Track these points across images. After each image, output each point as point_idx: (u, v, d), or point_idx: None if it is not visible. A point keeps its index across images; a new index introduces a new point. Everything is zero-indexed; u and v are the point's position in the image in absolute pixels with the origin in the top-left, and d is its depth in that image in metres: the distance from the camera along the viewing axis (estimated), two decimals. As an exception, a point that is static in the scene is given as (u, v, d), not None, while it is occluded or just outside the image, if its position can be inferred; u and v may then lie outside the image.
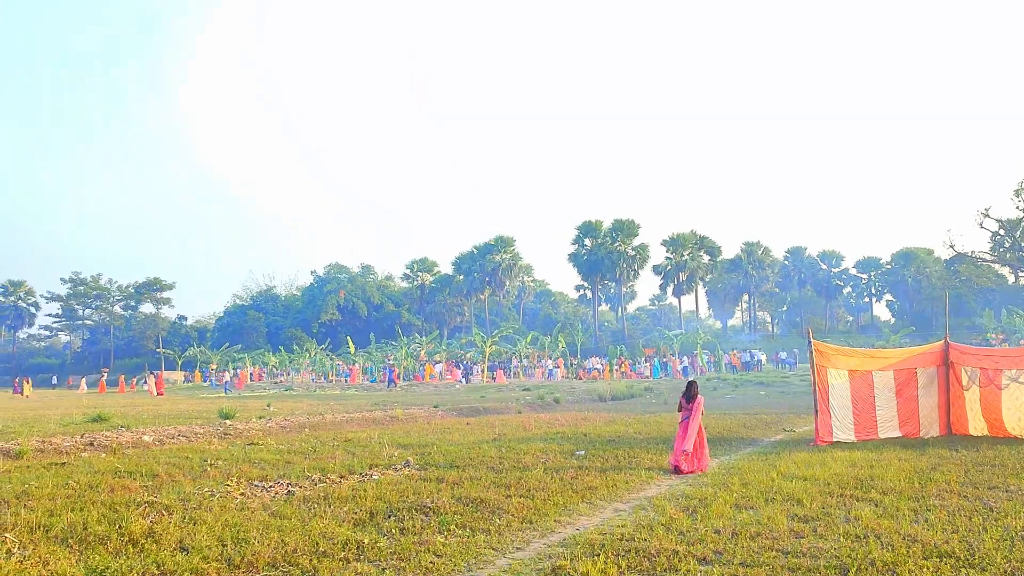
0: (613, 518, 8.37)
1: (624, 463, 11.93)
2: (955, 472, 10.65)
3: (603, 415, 21.79)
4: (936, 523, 7.75)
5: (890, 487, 9.58)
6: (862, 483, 9.88)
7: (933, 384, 15.27)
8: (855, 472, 10.75)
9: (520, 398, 30.36)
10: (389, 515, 8.31)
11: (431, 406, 25.45)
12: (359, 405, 27.00)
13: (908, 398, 15.12)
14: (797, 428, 17.65)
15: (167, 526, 7.61)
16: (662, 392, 33.16)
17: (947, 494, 9.17)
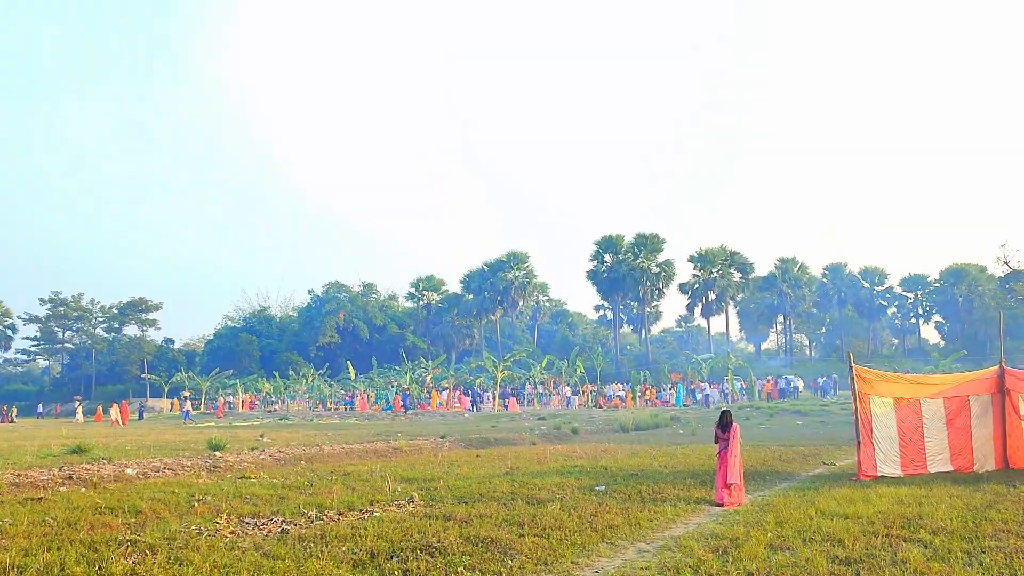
0: (636, 559, 8.31)
1: (648, 499, 11.86)
2: (1013, 510, 10.52)
3: (625, 447, 21.70)
4: (992, 567, 7.66)
5: (941, 526, 9.48)
6: (910, 522, 9.77)
7: (987, 413, 15.13)
8: (902, 510, 10.64)
9: (534, 428, 30.28)
10: (391, 556, 8.28)
11: (438, 436, 25.42)
12: (359, 435, 27.01)
13: (960, 428, 14.98)
14: (837, 461, 17.51)
15: (151, 567, 7.62)
16: (690, 422, 32.98)
17: (1004, 534, 9.06)
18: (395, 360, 72.94)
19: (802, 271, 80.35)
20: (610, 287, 76.76)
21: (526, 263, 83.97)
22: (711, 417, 36.34)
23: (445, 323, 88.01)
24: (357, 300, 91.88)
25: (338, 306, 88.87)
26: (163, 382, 71.33)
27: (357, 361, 73.49)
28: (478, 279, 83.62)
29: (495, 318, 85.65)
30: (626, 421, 32.06)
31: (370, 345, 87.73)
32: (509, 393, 53.86)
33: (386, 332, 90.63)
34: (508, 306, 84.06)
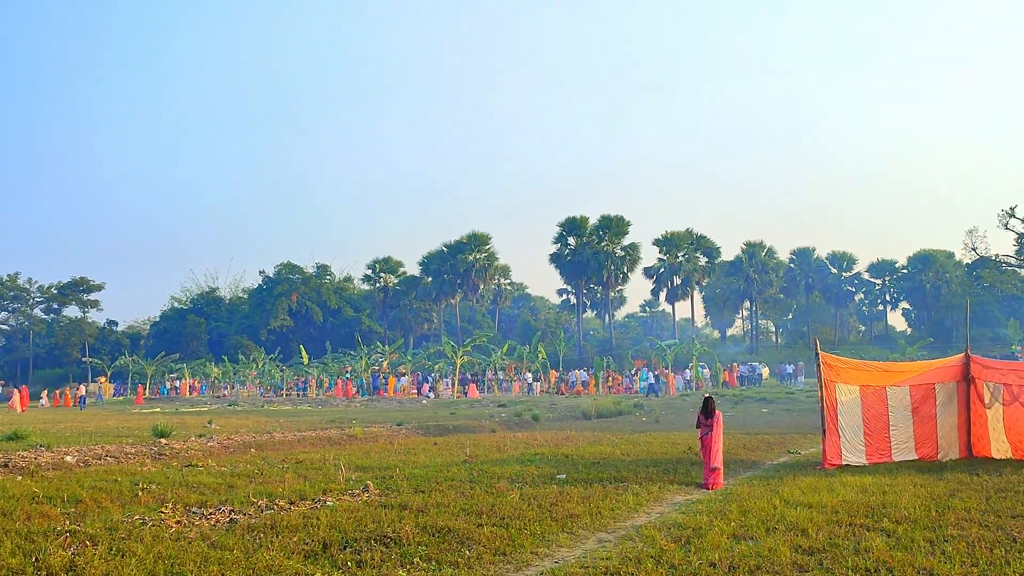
0: (597, 549, 8.38)
1: (610, 488, 11.96)
2: (976, 499, 10.78)
3: (587, 434, 21.85)
4: (955, 555, 7.84)
5: (904, 515, 9.68)
6: (873, 511, 9.97)
7: (952, 402, 15.46)
8: (866, 499, 10.85)
9: (495, 415, 30.35)
10: (345, 546, 8.26)
11: (394, 424, 25.38)
12: (312, 422, 26.87)
13: (925, 417, 15.28)
14: (803, 450, 17.80)
15: (91, 559, 7.52)
16: (653, 409, 33.29)
17: (967, 523, 9.28)
18: (350, 345, 72.52)
19: (769, 256, 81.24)
20: (574, 271, 77.01)
21: (487, 245, 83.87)
22: (674, 405, 36.69)
23: (403, 307, 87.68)
24: (311, 282, 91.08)
25: (291, 288, 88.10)
26: (105, 366, 70.24)
27: (310, 345, 72.97)
28: (438, 261, 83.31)
29: (455, 302, 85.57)
30: (588, 408, 32.26)
31: (324, 329, 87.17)
32: (469, 379, 53.89)
33: (341, 315, 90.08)
34: (468, 289, 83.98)
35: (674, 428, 24.62)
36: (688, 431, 22.28)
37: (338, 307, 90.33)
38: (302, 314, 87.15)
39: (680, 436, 20.81)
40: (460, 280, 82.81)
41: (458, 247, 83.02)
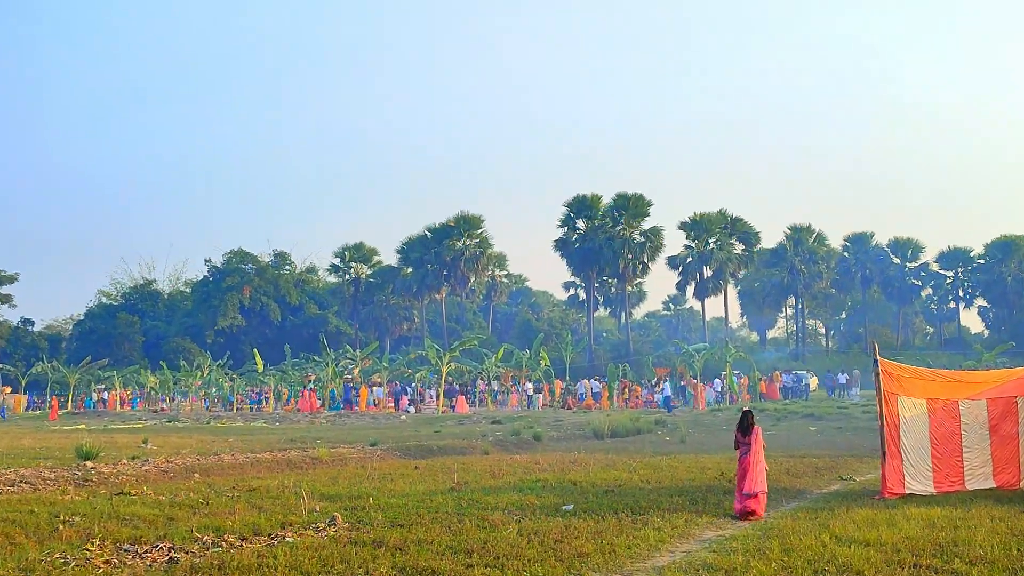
0: (611, 596, 8.38)
1: (626, 522, 11.96)
2: (1065, 535, 10.77)
3: (599, 457, 21.86)
4: (1039, 603, 7.84)
5: (980, 555, 9.68)
6: (942, 550, 9.97)
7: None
8: (933, 535, 10.86)
9: (488, 433, 30.38)
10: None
11: (367, 444, 25.39)
12: (269, 442, 26.89)
13: (1005, 437, 15.24)
14: (858, 476, 17.82)
15: (2, 606, 7.51)
16: (678, 426, 33.33)
17: (1054, 564, 9.28)
18: (314, 349, 72.46)
19: (819, 242, 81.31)
20: (583, 260, 77.11)
21: (479, 229, 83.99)
22: (703, 421, 36.76)
23: (378, 303, 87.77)
24: (266, 273, 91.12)
25: (242, 280, 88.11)
26: (19, 373, 70.14)
27: (266, 349, 72.91)
28: (419, 248, 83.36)
29: (440, 297, 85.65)
30: (600, 425, 32.27)
31: (283, 330, 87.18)
32: (457, 390, 53.94)
33: (303, 313, 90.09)
34: (456, 282, 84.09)
35: (703, 449, 24.64)
36: (721, 452, 22.30)
37: (299, 303, 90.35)
38: (256, 312, 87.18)
39: (711, 459, 20.84)
40: (447, 271, 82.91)
41: (444, 231, 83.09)
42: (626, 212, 76.51)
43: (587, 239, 76.75)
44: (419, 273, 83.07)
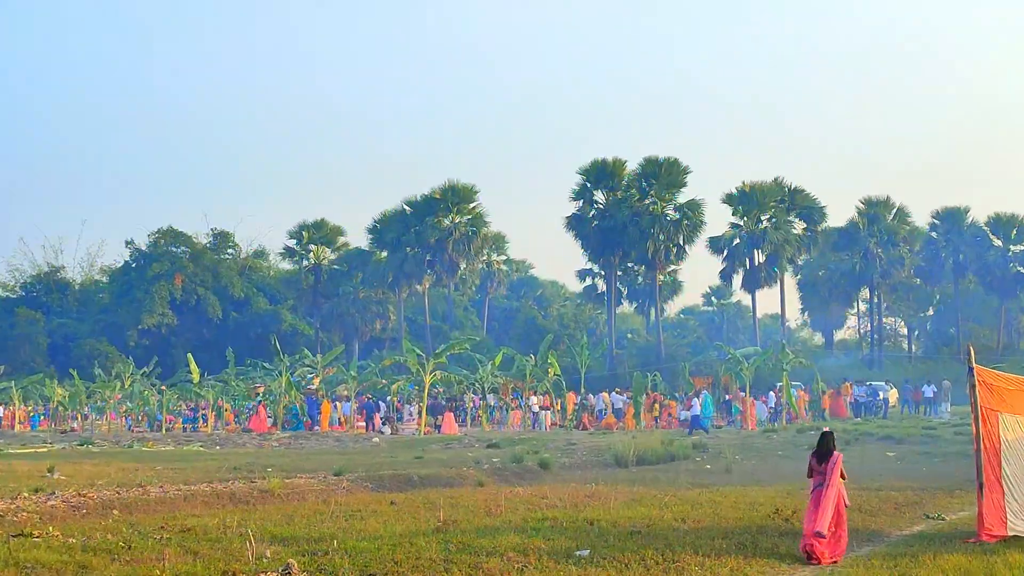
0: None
1: (655, 570, 11.93)
2: None
3: (623, 489, 21.83)
4: None
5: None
6: (1057, 606, 9.94)
7: None
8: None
9: (483, 459, 30.35)
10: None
11: (330, 473, 25.36)
12: (207, 470, 26.84)
13: None
14: (948, 514, 17.79)
15: None
16: (723, 451, 33.25)
17: None
18: (264, 353, 72.41)
19: (900, 219, 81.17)
20: (603, 241, 77.03)
21: (472, 203, 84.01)
22: (754, 445, 36.74)
23: (344, 296, 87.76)
24: (203, 258, 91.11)
25: (173, 267, 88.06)
26: None
27: (204, 354, 72.92)
28: (396, 227, 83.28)
29: (422, 289, 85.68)
30: (624, 450, 32.18)
31: (224, 329, 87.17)
32: (443, 406, 53.90)
33: (250, 309, 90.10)
34: (443, 270, 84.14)
35: (754, 480, 24.61)
36: (777, 484, 22.29)
37: (245, 296, 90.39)
38: (191, 307, 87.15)
39: (763, 492, 20.81)
40: (431, 256, 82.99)
41: (427, 206, 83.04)
42: (657, 181, 76.38)
43: (608, 215, 76.69)
44: (396, 258, 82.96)
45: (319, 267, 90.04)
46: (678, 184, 76.86)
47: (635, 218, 75.39)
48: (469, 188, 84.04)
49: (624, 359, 75.79)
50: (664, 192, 76.59)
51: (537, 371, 56.10)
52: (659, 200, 76.48)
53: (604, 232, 76.49)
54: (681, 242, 77.17)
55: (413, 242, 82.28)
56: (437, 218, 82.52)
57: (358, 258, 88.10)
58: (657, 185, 76.38)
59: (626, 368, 70.63)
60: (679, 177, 76.71)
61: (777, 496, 19.62)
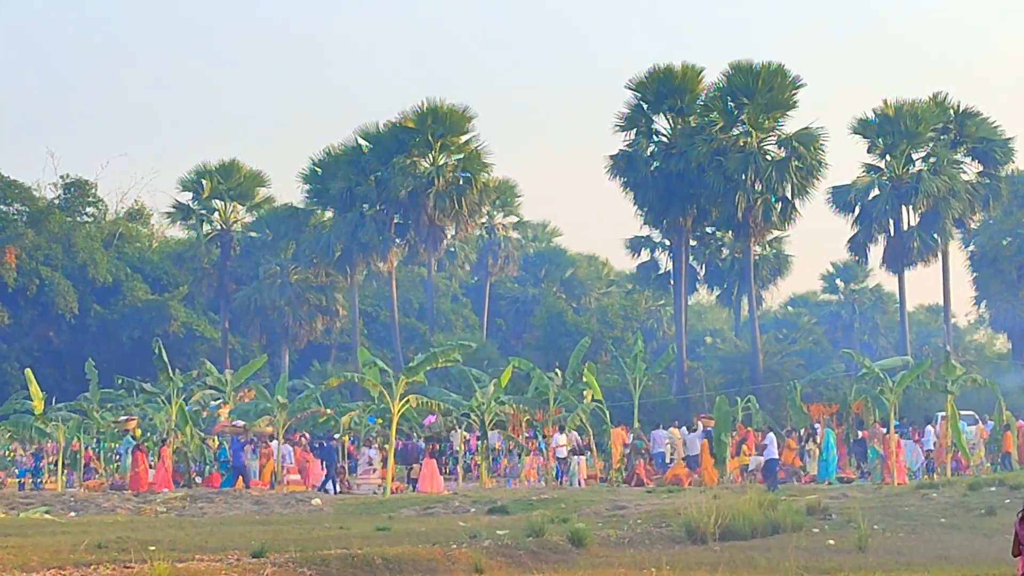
0: None
1: None
2: None
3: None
4: None
5: None
6: None
7: None
8: None
9: (480, 533, 30.40)
10: None
11: (245, 554, 25.46)
12: (55, 549, 26.95)
13: None
14: None
15: None
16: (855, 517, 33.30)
17: None
18: (143, 368, 72.75)
19: None
20: (668, 194, 76.92)
21: (463, 135, 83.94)
22: (902, 508, 36.73)
23: (267, 280, 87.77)
24: (49, 222, 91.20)
25: (2, 233, 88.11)
26: None
27: (50, 370, 73.33)
28: (347, 173, 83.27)
29: (387, 267, 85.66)
30: (701, 517, 32.25)
31: (82, 331, 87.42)
32: (421, 449, 53.99)
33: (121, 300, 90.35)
34: (420, 238, 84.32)
35: (903, 562, 24.66)
36: (940, 568, 22.30)
37: (114, 280, 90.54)
38: (30, 297, 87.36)
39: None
40: (400, 217, 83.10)
41: (395, 140, 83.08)
42: (752, 100, 76.17)
43: (675, 154, 76.66)
44: (346, 221, 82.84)
45: (228, 234, 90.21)
46: (784, 104, 76.70)
47: (717, 157, 75.25)
48: (459, 112, 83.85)
49: (701, 376, 75.86)
50: (763, 117, 76.49)
51: (566, 395, 56.22)
52: (754, 129, 76.43)
53: (669, 179, 76.42)
54: (789, 195, 77.10)
55: (372, 196, 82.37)
56: (410, 158, 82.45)
57: (288, 221, 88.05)
58: (752, 106, 76.18)
59: (704, 389, 70.75)
60: (786, 93, 76.50)
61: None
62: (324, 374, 70.46)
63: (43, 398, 60.14)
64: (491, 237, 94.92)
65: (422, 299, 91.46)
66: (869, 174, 78.26)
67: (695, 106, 76.94)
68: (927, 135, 77.50)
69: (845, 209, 78.78)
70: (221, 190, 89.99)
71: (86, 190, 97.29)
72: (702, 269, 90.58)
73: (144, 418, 59.96)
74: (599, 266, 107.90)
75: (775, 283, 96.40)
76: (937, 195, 76.05)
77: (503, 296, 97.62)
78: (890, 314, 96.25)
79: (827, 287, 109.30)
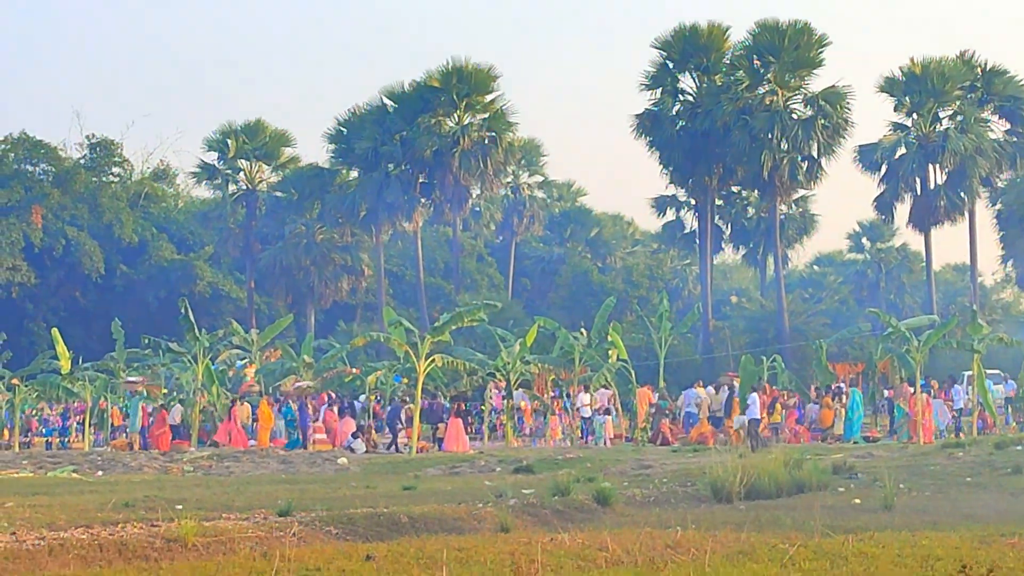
0: None
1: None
2: None
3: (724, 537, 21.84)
4: None
5: None
6: None
7: None
8: None
9: (506, 492, 30.33)
10: None
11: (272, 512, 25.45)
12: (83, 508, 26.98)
13: None
14: None
15: None
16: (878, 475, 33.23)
17: None
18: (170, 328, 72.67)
19: None
20: (694, 153, 76.82)
21: (489, 94, 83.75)
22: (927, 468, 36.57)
23: (292, 240, 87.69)
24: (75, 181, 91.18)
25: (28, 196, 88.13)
26: None
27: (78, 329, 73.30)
28: (372, 133, 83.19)
29: (413, 227, 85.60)
30: (727, 476, 32.18)
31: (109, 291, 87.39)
32: (447, 409, 53.90)
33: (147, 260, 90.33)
34: (445, 198, 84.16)
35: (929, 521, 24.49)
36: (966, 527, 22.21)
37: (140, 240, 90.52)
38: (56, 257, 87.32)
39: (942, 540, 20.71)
40: (425, 177, 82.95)
41: (420, 100, 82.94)
42: (778, 59, 75.96)
43: (701, 112, 76.57)
44: (372, 181, 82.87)
45: (253, 194, 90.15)
46: (810, 62, 76.48)
47: (743, 116, 75.15)
48: (485, 71, 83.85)
49: (726, 335, 75.76)
50: (788, 75, 76.34)
51: (591, 354, 56.14)
52: (781, 88, 76.22)
53: (694, 138, 76.34)
54: (815, 153, 77.01)
55: (398, 156, 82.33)
56: (435, 118, 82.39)
57: (314, 181, 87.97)
58: (778, 65, 76.07)
59: (729, 349, 70.66)
60: (812, 52, 76.28)
61: (965, 546, 19.56)
62: (350, 334, 70.41)
63: (70, 358, 60.18)
64: (516, 197, 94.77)
65: (447, 259, 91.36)
66: (896, 132, 78.16)
67: (721, 65, 76.86)
68: (954, 93, 77.33)
69: (871, 168, 78.71)
70: (246, 150, 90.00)
71: (112, 150, 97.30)
72: (728, 228, 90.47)
73: (170, 377, 60.05)
74: (624, 226, 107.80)
75: (801, 242, 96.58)
76: (964, 153, 75.85)
77: (528, 256, 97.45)
78: (916, 273, 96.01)
79: (853, 246, 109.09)
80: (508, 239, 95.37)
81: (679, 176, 79.99)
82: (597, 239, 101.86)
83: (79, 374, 60.85)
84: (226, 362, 60.68)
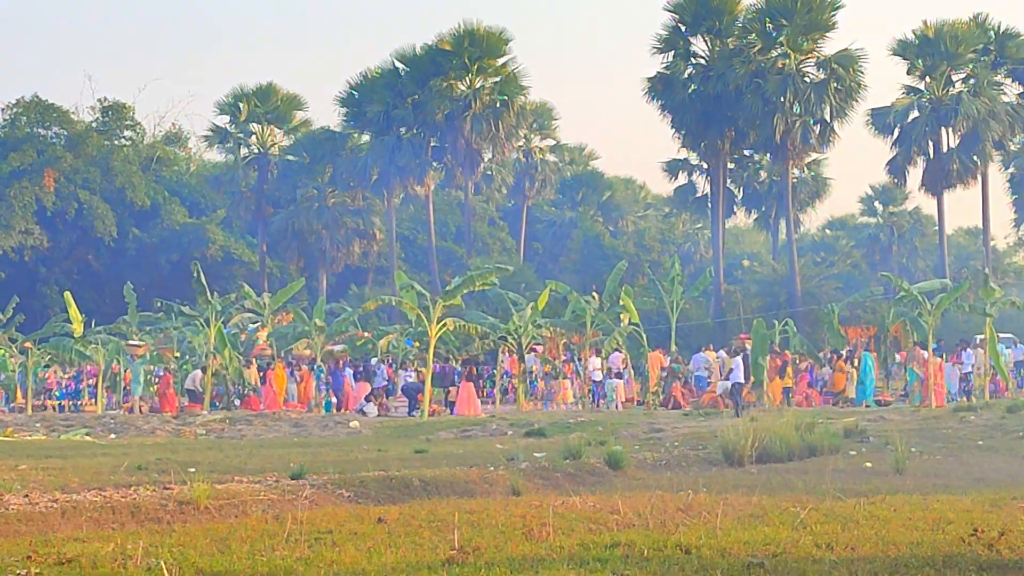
0: None
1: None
2: None
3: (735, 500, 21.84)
4: None
5: None
6: None
7: None
8: None
9: (518, 455, 30.34)
10: None
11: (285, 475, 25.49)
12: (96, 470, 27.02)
13: None
14: None
15: None
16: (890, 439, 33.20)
17: None
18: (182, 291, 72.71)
19: None
20: (706, 117, 76.59)
21: (500, 57, 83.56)
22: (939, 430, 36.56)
23: (304, 203, 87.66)
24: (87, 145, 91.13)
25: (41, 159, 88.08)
26: None
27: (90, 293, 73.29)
28: (384, 97, 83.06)
29: (424, 191, 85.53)
30: (738, 439, 32.15)
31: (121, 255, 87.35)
32: (458, 373, 53.91)
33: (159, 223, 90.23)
34: (457, 162, 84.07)
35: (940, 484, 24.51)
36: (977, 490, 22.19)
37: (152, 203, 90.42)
38: (69, 220, 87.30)
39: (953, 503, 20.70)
40: (437, 140, 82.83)
41: (431, 63, 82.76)
42: (790, 22, 75.63)
43: (713, 76, 76.29)
44: (383, 144, 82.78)
45: (265, 158, 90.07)
46: (823, 25, 76.18)
47: (755, 80, 74.91)
48: (496, 35, 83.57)
49: (738, 299, 75.65)
50: (801, 38, 75.99)
51: (603, 318, 56.09)
52: (793, 51, 75.92)
53: (707, 102, 76.11)
54: (828, 117, 76.75)
55: (410, 119, 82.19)
56: (447, 81, 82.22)
57: (325, 144, 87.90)
58: (790, 28, 75.72)
59: (741, 313, 70.57)
60: (824, 15, 75.95)
61: (976, 509, 19.55)
62: (362, 297, 70.44)
63: (82, 321, 60.31)
64: (528, 160, 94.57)
65: (459, 222, 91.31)
66: (908, 96, 77.99)
67: (733, 28, 76.55)
68: (967, 56, 77.15)
69: (884, 131, 78.55)
70: (258, 113, 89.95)
71: (123, 113, 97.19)
72: (740, 192, 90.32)
73: (183, 341, 60.07)
74: (636, 189, 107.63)
75: (813, 206, 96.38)
76: (977, 117, 75.69)
77: (540, 219, 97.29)
78: (929, 237, 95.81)
79: (865, 210, 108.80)
80: (520, 203, 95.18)
81: (691, 140, 79.89)
82: (609, 203, 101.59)
83: (91, 337, 60.89)
84: (238, 325, 60.78)
